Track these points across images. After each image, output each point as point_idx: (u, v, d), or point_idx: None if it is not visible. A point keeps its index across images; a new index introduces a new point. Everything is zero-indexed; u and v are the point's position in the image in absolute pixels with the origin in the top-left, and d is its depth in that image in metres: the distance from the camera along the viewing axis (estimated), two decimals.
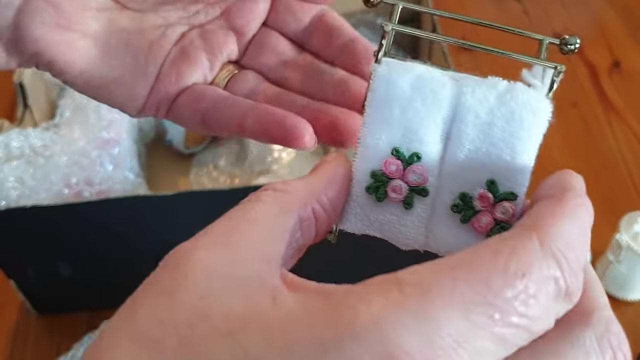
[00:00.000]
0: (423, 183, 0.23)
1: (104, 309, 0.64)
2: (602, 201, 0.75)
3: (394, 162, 0.23)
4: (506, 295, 0.16)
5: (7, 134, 0.62)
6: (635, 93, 0.91)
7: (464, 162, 0.23)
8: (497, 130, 0.22)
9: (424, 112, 0.23)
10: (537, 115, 0.23)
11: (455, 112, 0.23)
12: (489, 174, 0.23)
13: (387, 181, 0.23)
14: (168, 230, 0.56)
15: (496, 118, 0.22)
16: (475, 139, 0.23)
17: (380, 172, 0.23)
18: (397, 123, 0.23)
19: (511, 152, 0.23)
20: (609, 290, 0.65)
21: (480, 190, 0.22)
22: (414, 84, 0.23)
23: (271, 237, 0.19)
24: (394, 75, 0.23)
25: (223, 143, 0.79)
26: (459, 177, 0.23)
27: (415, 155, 0.23)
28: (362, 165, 0.23)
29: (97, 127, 0.64)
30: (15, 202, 0.58)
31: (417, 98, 0.23)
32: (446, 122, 0.23)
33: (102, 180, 0.62)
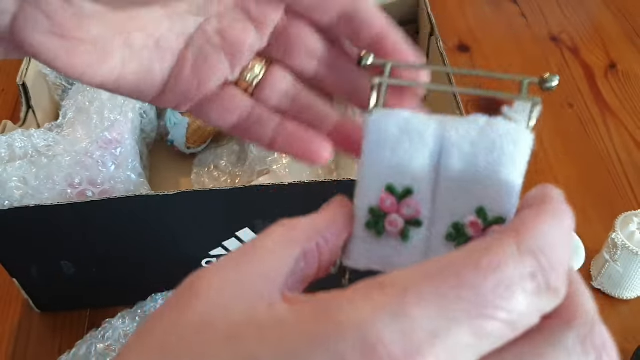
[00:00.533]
0: (416, 215, 0.25)
1: (106, 307, 0.65)
2: (598, 201, 0.76)
3: (389, 198, 0.25)
4: (480, 290, 0.17)
5: (11, 135, 0.62)
6: (631, 94, 0.91)
7: (454, 194, 0.24)
8: (481, 161, 0.24)
9: (413, 150, 0.25)
10: (518, 145, 0.25)
11: (441, 148, 0.25)
12: (477, 202, 0.24)
13: (384, 216, 0.25)
14: (170, 229, 0.57)
15: (479, 150, 0.24)
16: (462, 171, 0.24)
17: (377, 208, 0.25)
18: (389, 162, 0.25)
19: (496, 179, 0.24)
20: (605, 289, 0.66)
21: (471, 218, 0.24)
22: (402, 127, 0.25)
23: (276, 263, 0.21)
24: (383, 122, 0.25)
25: (224, 143, 0.80)
26: (450, 207, 0.25)
27: (407, 190, 0.25)
28: (361, 203, 0.26)
29: (100, 127, 0.65)
30: (18, 202, 0.59)
31: (406, 139, 0.25)
32: (434, 158, 0.25)
33: (104, 180, 0.62)
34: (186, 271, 0.67)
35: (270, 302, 0.19)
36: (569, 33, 1.03)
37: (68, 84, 0.75)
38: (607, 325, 0.67)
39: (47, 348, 0.62)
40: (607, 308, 0.66)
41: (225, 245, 0.59)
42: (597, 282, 0.66)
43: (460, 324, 0.17)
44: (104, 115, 0.65)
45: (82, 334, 0.63)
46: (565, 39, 1.01)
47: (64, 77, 0.75)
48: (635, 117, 0.87)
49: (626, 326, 0.64)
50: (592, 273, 0.68)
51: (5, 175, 0.59)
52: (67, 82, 0.75)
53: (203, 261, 0.60)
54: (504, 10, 1.07)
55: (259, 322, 0.18)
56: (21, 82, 0.67)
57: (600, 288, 0.66)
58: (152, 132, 0.77)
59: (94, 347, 0.56)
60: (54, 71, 0.73)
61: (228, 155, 0.77)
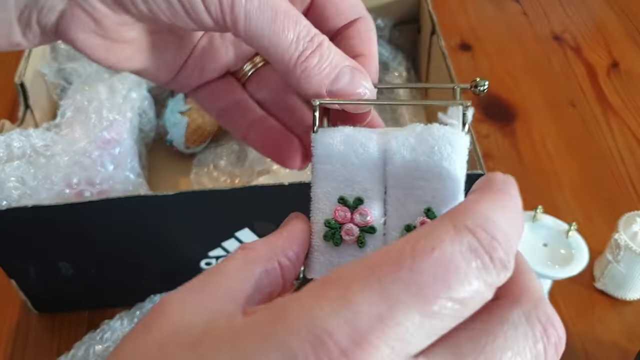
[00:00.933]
0: (369, 222, 0.26)
1: (105, 308, 0.64)
2: (601, 201, 0.75)
3: (342, 209, 0.27)
4: (419, 270, 0.17)
5: (9, 134, 0.62)
6: (634, 93, 0.91)
7: (402, 199, 0.26)
8: (422, 165, 0.26)
9: (359, 162, 0.27)
10: (455, 146, 0.26)
11: (385, 158, 0.26)
12: (425, 203, 0.26)
13: (339, 227, 0.27)
14: (169, 229, 0.57)
15: (419, 155, 0.26)
16: (406, 176, 0.26)
17: (332, 220, 0.27)
18: (338, 176, 0.27)
19: (439, 180, 0.26)
20: (608, 290, 0.66)
21: (421, 219, 0.26)
22: (346, 142, 0.27)
23: (236, 283, 0.22)
24: (327, 139, 0.27)
25: (223, 143, 0.79)
26: (401, 211, 0.26)
27: (358, 200, 0.27)
28: (317, 217, 0.27)
29: (98, 127, 0.64)
30: (16, 202, 0.58)
31: (351, 152, 0.27)
32: (379, 168, 0.27)
33: (103, 180, 0.62)
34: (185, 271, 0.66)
35: (230, 315, 0.20)
36: (571, 32, 1.02)
37: (66, 83, 0.74)
38: (610, 326, 0.66)
39: (45, 349, 0.62)
40: (610, 309, 0.65)
41: (225, 246, 0.59)
42: (599, 283, 0.66)
43: (405, 305, 0.17)
44: (102, 115, 0.65)
45: (80, 335, 0.62)
46: (567, 38, 1.01)
47: (62, 77, 0.75)
48: (638, 116, 0.87)
49: (629, 327, 0.64)
50: (595, 274, 0.67)
51: (3, 175, 0.59)
52: (65, 82, 0.75)
53: (202, 261, 0.60)
54: (506, 9, 1.07)
55: (216, 332, 0.19)
56: (19, 82, 0.67)
57: (603, 289, 0.66)
58: (150, 131, 0.76)
59: (92, 348, 0.55)
60: (53, 69, 0.73)
61: (227, 155, 0.77)
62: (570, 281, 0.66)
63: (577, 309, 0.65)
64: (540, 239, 0.60)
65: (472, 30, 1.02)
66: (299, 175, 0.67)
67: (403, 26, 0.81)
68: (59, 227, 0.55)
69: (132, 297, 0.60)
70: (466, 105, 0.27)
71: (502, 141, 0.83)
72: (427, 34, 0.74)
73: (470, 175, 0.55)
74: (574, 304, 0.66)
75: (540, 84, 0.92)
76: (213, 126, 0.77)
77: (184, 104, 0.76)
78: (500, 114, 0.87)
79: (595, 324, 0.64)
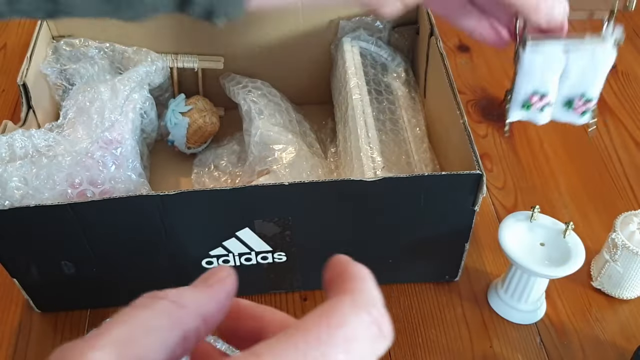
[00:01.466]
0: (547, 103, 0.48)
1: (106, 307, 0.65)
2: (598, 201, 0.76)
3: (534, 97, 0.48)
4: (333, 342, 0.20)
5: (11, 135, 0.62)
6: (631, 94, 0.91)
7: (568, 89, 0.48)
8: (585, 70, 0.47)
9: (549, 72, 0.47)
10: (605, 60, 0.47)
11: (566, 67, 0.46)
12: (582, 89, 0.48)
13: (531, 104, 0.49)
14: (170, 229, 0.57)
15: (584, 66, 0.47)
16: (575, 77, 0.47)
17: (528, 100, 0.48)
18: (535, 79, 0.47)
19: (591, 80, 0.47)
20: (605, 289, 0.66)
21: (578, 98, 0.48)
22: (544, 57, 0.46)
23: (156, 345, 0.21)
24: (532, 54, 0.46)
25: (224, 143, 0.80)
26: (567, 93, 0.48)
27: (543, 94, 0.48)
28: (518, 97, 0.48)
29: (100, 127, 0.65)
30: (18, 202, 0.59)
31: (546, 67, 0.46)
32: (559, 73, 0.47)
33: (105, 180, 0.62)
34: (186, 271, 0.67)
35: None
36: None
37: (68, 84, 0.75)
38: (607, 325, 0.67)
39: (48, 348, 0.62)
40: (607, 308, 0.66)
41: (226, 245, 0.59)
42: (597, 282, 0.67)
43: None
44: (104, 115, 0.65)
45: (82, 333, 0.63)
46: None
47: (64, 78, 0.75)
48: (635, 117, 0.88)
49: (626, 326, 0.64)
50: (592, 273, 0.68)
51: (6, 175, 0.59)
52: (67, 82, 0.75)
53: (203, 261, 0.60)
54: None
55: None
56: (21, 82, 0.67)
57: (600, 288, 0.67)
58: (152, 132, 0.77)
59: None
60: (55, 70, 0.73)
61: (228, 155, 0.78)
62: (567, 280, 0.67)
63: (575, 308, 0.66)
64: (538, 239, 0.61)
65: None
66: (299, 175, 0.67)
67: (402, 28, 0.82)
68: (61, 226, 0.55)
69: (133, 297, 0.60)
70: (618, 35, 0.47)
71: (500, 141, 0.84)
72: (426, 36, 0.75)
73: (470, 175, 0.56)
74: (571, 302, 0.66)
75: None
76: (214, 126, 0.78)
77: (185, 105, 0.76)
78: (498, 115, 0.87)
79: (592, 323, 0.64)
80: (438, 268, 0.66)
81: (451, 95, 0.64)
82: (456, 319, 0.65)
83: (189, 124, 0.75)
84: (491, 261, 0.70)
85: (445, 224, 0.60)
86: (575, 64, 0.46)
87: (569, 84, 0.47)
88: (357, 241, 0.62)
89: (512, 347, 0.62)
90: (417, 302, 0.66)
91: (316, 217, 0.58)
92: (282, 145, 0.69)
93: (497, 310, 0.65)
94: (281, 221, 0.58)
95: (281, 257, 0.62)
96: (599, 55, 0.46)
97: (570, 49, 0.45)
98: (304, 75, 0.84)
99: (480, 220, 0.74)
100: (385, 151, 0.69)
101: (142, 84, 0.72)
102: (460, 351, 0.62)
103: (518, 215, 0.62)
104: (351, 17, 0.79)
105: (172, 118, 0.75)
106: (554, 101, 0.48)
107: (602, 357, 0.62)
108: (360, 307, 0.22)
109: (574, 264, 0.58)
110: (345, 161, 0.70)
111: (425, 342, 0.63)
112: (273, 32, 0.79)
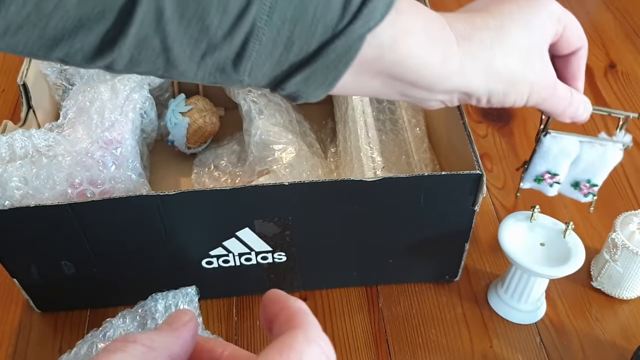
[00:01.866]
0: (557, 181, 0.55)
1: (106, 307, 0.65)
2: (599, 201, 0.76)
3: (547, 175, 0.54)
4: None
5: (11, 135, 0.62)
6: (631, 94, 0.91)
7: (577, 173, 0.54)
8: (593, 163, 0.53)
9: (563, 159, 0.53)
10: (613, 160, 0.53)
11: (577, 158, 0.53)
12: (588, 176, 0.54)
13: (543, 179, 0.55)
14: (170, 229, 0.57)
15: (594, 160, 0.53)
16: (584, 165, 0.53)
17: (541, 177, 0.55)
18: (550, 161, 0.54)
19: (599, 171, 0.54)
20: (605, 289, 0.66)
21: (584, 182, 0.55)
22: (560, 148, 0.53)
23: None
24: (551, 144, 0.53)
25: (224, 143, 0.80)
26: (575, 176, 0.55)
27: (555, 174, 0.54)
28: (533, 173, 0.55)
29: (100, 127, 0.65)
30: (18, 202, 0.59)
31: (560, 155, 0.53)
32: (571, 160, 0.53)
33: (105, 180, 0.62)
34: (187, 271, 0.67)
35: None
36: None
37: (68, 84, 0.75)
38: (607, 325, 0.67)
39: (48, 348, 0.62)
40: (607, 308, 0.66)
41: (226, 245, 0.59)
42: (597, 282, 0.67)
43: None
44: (104, 115, 0.65)
45: (82, 333, 0.63)
46: None
47: (64, 77, 0.75)
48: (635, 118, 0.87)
49: (626, 326, 0.64)
50: (592, 273, 0.68)
51: (6, 175, 0.59)
52: (67, 82, 0.75)
53: (203, 261, 0.60)
54: None
55: None
56: (21, 82, 0.67)
57: (600, 288, 0.67)
58: (152, 132, 0.77)
59: (95, 346, 0.56)
60: (55, 71, 0.73)
61: (228, 155, 0.78)
62: (567, 280, 0.67)
63: (575, 308, 0.66)
64: (538, 238, 0.61)
65: None
66: (299, 175, 0.67)
67: None
68: (61, 226, 0.55)
69: (133, 296, 0.60)
70: (627, 140, 0.53)
71: (500, 141, 0.84)
72: None
73: (470, 175, 0.56)
74: (571, 302, 0.66)
75: None
76: (214, 126, 0.78)
77: (185, 105, 0.76)
78: (497, 115, 0.87)
79: (592, 323, 0.64)
80: (438, 268, 0.66)
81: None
82: (456, 319, 0.65)
83: (189, 124, 0.75)
84: (491, 261, 0.70)
85: (445, 224, 0.60)
86: (587, 156, 0.53)
87: (578, 170, 0.54)
88: (357, 241, 0.62)
89: (512, 347, 0.62)
90: (417, 302, 0.66)
91: (316, 217, 0.58)
92: (282, 145, 0.69)
93: (497, 310, 0.65)
94: (281, 221, 0.58)
95: (281, 257, 0.62)
96: (608, 155, 0.53)
97: (584, 143, 0.53)
98: None
99: (480, 220, 0.74)
100: (385, 151, 0.69)
101: (142, 84, 0.72)
102: (460, 351, 0.62)
103: (518, 215, 0.62)
104: None
105: (172, 118, 0.75)
106: (563, 180, 0.55)
107: (602, 357, 0.62)
108: (312, 340, 0.24)
109: (574, 264, 0.58)
110: (345, 161, 0.70)
111: (425, 342, 0.63)
112: None
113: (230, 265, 0.61)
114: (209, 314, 0.64)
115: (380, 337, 0.63)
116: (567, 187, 0.56)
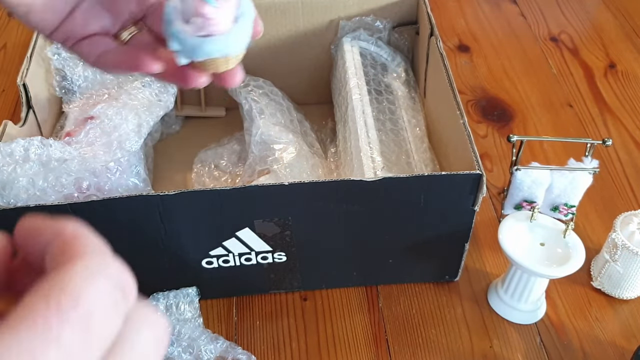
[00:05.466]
0: (535, 207, 0.60)
1: None
2: (598, 201, 0.76)
3: (524, 203, 0.63)
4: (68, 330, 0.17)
5: (29, 140, 0.62)
6: (631, 94, 0.91)
7: (553, 199, 0.64)
8: (565, 188, 0.62)
9: (537, 189, 0.63)
10: (583, 182, 0.62)
11: (550, 185, 0.62)
12: (565, 200, 0.63)
13: (522, 207, 0.64)
14: (170, 229, 0.57)
15: (565, 185, 0.62)
16: (558, 192, 0.63)
17: (519, 205, 0.64)
18: (525, 191, 0.62)
19: (572, 195, 0.63)
20: (605, 289, 0.66)
21: (562, 205, 0.64)
22: (532, 179, 0.62)
23: None
24: (523, 176, 0.62)
25: (225, 143, 0.80)
26: (553, 201, 0.64)
27: (532, 201, 0.63)
28: (512, 202, 0.65)
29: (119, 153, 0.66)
30: (24, 203, 0.59)
31: (534, 186, 0.62)
32: (545, 188, 0.63)
33: (112, 187, 0.63)
34: (187, 270, 0.67)
35: None
36: (568, 33, 1.03)
37: (69, 83, 0.75)
38: (607, 325, 0.67)
39: None
40: (607, 308, 0.66)
41: (226, 245, 0.59)
42: (597, 282, 0.67)
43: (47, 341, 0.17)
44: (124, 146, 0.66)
45: None
46: (564, 39, 1.01)
47: (64, 77, 0.75)
48: (635, 117, 0.88)
49: (626, 326, 0.64)
50: (592, 273, 0.68)
51: (14, 175, 0.59)
52: (67, 82, 0.75)
53: (203, 261, 0.60)
54: (503, 10, 1.08)
55: None
56: (22, 83, 0.67)
57: (600, 288, 0.67)
58: (155, 132, 0.77)
59: None
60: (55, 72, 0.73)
61: (228, 155, 0.78)
62: (567, 280, 0.67)
63: (575, 308, 0.66)
64: (538, 239, 0.61)
65: (470, 32, 1.03)
66: (299, 175, 0.67)
67: (402, 28, 0.82)
68: None
69: None
70: (593, 165, 0.62)
71: (500, 141, 0.84)
72: (426, 36, 0.75)
73: (470, 175, 0.56)
74: (571, 302, 0.66)
75: (538, 85, 0.92)
76: None
77: None
78: (497, 115, 0.87)
79: (592, 323, 0.64)
80: (438, 268, 0.66)
81: (451, 95, 0.64)
82: (456, 319, 0.65)
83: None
84: (491, 261, 0.70)
85: (445, 224, 0.60)
86: (559, 184, 0.62)
87: (553, 196, 0.63)
88: (357, 241, 0.62)
89: (512, 347, 0.62)
90: (417, 302, 0.66)
91: (316, 217, 0.58)
92: (282, 145, 0.70)
93: (497, 310, 0.65)
94: (281, 221, 0.58)
95: (281, 257, 0.62)
96: (578, 180, 0.62)
97: (555, 172, 0.62)
98: (304, 75, 0.84)
99: (480, 220, 0.74)
100: (385, 151, 0.69)
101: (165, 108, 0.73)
102: (460, 351, 0.62)
103: (518, 215, 0.62)
104: (351, 17, 0.79)
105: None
106: (541, 205, 0.64)
107: (602, 357, 0.62)
108: (94, 273, 0.19)
109: (574, 264, 0.58)
110: (345, 161, 0.70)
111: (425, 342, 0.63)
112: (273, 31, 0.79)
113: (230, 265, 0.61)
114: (209, 314, 0.64)
115: (380, 337, 0.63)
116: (548, 211, 0.64)
